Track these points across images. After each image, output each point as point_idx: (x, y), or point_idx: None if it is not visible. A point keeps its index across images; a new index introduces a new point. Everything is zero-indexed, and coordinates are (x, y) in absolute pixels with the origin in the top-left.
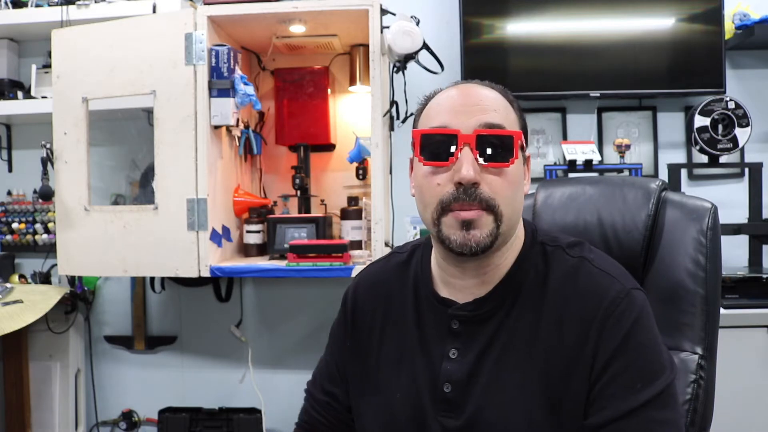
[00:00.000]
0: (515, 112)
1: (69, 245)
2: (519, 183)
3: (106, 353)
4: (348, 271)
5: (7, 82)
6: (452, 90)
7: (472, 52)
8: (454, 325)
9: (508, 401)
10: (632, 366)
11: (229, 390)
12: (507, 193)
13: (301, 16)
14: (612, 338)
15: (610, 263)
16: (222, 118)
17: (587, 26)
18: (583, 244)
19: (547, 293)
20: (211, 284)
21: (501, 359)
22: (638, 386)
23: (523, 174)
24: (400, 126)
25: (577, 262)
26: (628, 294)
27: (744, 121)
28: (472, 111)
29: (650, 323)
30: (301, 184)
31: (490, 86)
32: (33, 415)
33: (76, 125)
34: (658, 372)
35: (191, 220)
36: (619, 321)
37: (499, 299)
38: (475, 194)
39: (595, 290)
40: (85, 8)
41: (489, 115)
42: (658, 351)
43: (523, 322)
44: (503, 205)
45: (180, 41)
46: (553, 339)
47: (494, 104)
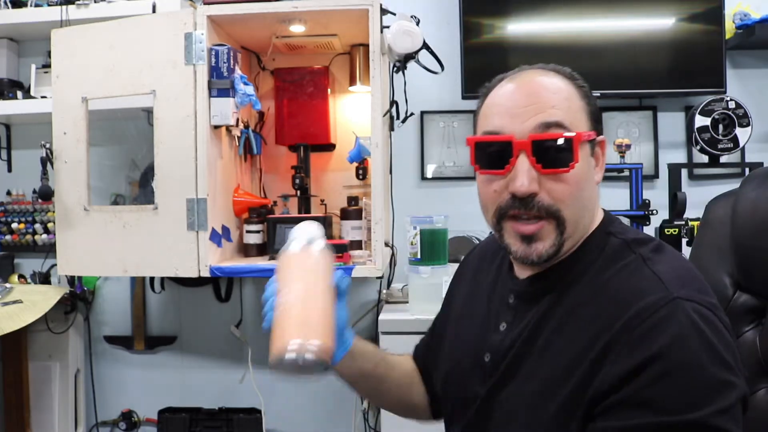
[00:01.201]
0: (580, 100)
1: (68, 245)
2: (585, 180)
3: (105, 353)
4: (348, 272)
5: (6, 81)
6: (510, 84)
7: (472, 52)
8: (510, 300)
9: (528, 384)
10: (659, 386)
11: (229, 390)
12: (570, 196)
13: (301, 16)
14: (636, 349)
15: (675, 268)
16: (222, 118)
17: (587, 26)
18: (658, 244)
19: (595, 285)
20: (211, 284)
21: (535, 340)
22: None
23: (590, 167)
24: (400, 126)
25: (633, 259)
26: (671, 303)
27: (744, 121)
28: (528, 111)
29: (700, 344)
30: (301, 184)
31: (555, 71)
32: (32, 416)
33: (76, 125)
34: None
35: (191, 220)
36: (650, 332)
37: (551, 281)
38: (533, 203)
39: (632, 291)
40: (85, 8)
41: (547, 114)
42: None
43: (565, 309)
44: (567, 209)
45: (180, 41)
46: (576, 331)
47: (553, 99)
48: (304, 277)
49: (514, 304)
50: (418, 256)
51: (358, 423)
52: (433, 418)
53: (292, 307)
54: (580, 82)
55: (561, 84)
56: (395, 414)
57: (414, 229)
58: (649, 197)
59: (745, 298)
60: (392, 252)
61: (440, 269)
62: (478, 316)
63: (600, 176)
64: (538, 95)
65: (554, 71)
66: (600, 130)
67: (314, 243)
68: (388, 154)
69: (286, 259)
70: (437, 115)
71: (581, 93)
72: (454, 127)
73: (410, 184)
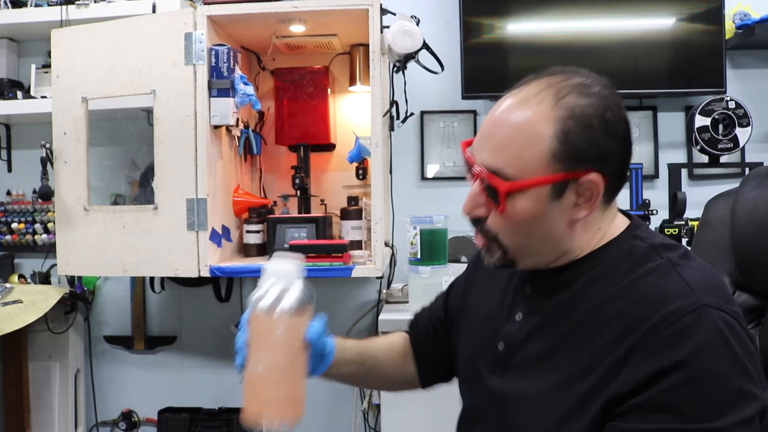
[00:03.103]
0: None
1: (68, 245)
2: (533, 220)
3: (105, 353)
4: (348, 271)
5: (6, 81)
6: (501, 102)
7: (472, 52)
8: (527, 290)
9: (544, 376)
10: (682, 392)
11: (229, 390)
12: (509, 231)
13: (301, 16)
14: (661, 353)
15: (702, 276)
16: (222, 117)
17: (587, 26)
18: (686, 251)
19: (621, 285)
20: (211, 284)
21: (554, 334)
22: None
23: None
24: (400, 126)
25: (661, 264)
26: (699, 310)
27: (744, 121)
28: (485, 144)
29: (725, 353)
30: (301, 184)
31: (547, 96)
32: (32, 416)
33: (76, 125)
34: (716, 413)
35: (191, 220)
36: (676, 337)
37: (569, 277)
38: (479, 225)
39: (660, 295)
40: (85, 8)
41: (490, 155)
42: (724, 387)
43: (587, 306)
44: (507, 240)
45: (180, 41)
46: (598, 329)
47: (507, 141)
48: (272, 349)
49: (531, 295)
50: (418, 256)
51: (358, 423)
52: (422, 387)
53: (260, 380)
54: (577, 110)
55: (531, 123)
56: (383, 391)
57: (414, 229)
58: (649, 197)
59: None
60: (392, 252)
61: (440, 269)
62: (493, 304)
63: (584, 213)
64: (498, 130)
65: (552, 90)
66: (587, 167)
67: (288, 293)
68: (388, 154)
69: (256, 317)
70: (437, 115)
71: (560, 131)
72: (454, 127)
73: (410, 184)
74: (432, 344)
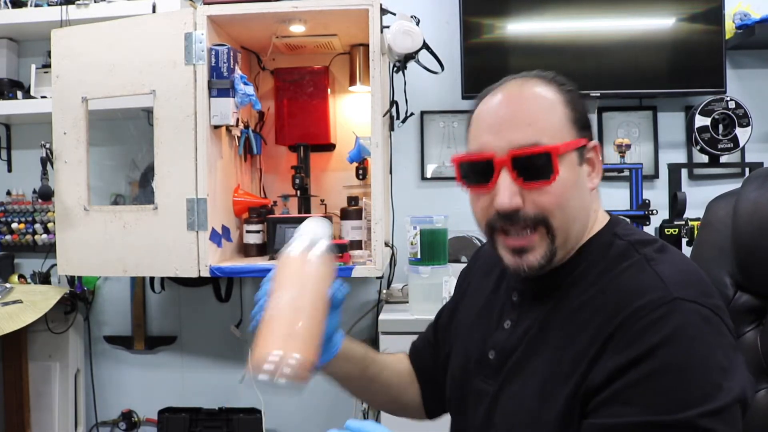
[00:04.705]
0: (564, 107)
1: (68, 245)
2: (572, 188)
3: (105, 353)
4: (348, 272)
5: (6, 81)
6: (493, 98)
7: (472, 52)
8: (514, 297)
9: (533, 383)
10: (647, 384)
11: (229, 390)
12: (557, 206)
13: (301, 16)
14: (629, 347)
15: (679, 269)
16: (222, 117)
17: (587, 26)
18: (662, 245)
19: (599, 285)
20: (211, 284)
21: (541, 339)
22: (650, 408)
23: (580, 174)
24: (400, 126)
25: (637, 260)
26: (671, 303)
27: (744, 121)
28: (508, 128)
29: (695, 345)
30: (301, 184)
31: (538, 78)
32: (32, 416)
33: (76, 125)
34: (682, 405)
35: (191, 220)
36: (644, 330)
37: (555, 280)
38: (519, 217)
39: (632, 290)
40: (85, 8)
41: (522, 132)
42: (691, 380)
43: (569, 308)
44: (554, 219)
45: (180, 41)
46: (578, 330)
47: (531, 115)
48: (298, 285)
49: (519, 303)
50: (418, 256)
51: None
52: (428, 417)
53: (280, 314)
54: (566, 87)
55: (542, 94)
56: (387, 413)
57: (414, 229)
58: (649, 197)
59: (746, 298)
60: (392, 252)
61: (440, 269)
62: (482, 313)
63: (596, 181)
64: (516, 109)
65: (537, 78)
66: (589, 136)
67: (317, 245)
68: (388, 154)
69: (284, 261)
70: (437, 115)
71: (565, 100)
72: (454, 127)
73: (410, 184)
74: (433, 370)
